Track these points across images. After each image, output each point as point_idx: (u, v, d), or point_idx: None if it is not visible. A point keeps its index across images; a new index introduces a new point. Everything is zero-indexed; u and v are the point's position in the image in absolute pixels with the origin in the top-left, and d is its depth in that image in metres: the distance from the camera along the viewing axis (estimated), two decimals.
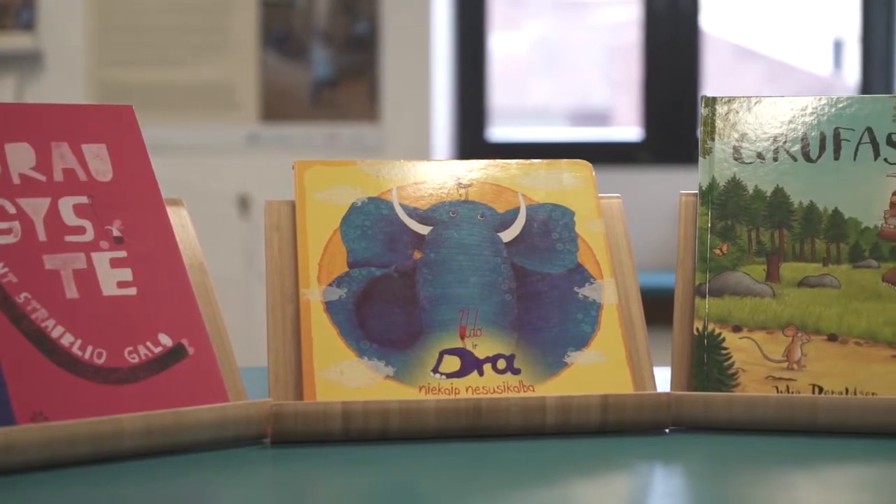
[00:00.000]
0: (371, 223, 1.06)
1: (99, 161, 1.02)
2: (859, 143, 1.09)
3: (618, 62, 3.91)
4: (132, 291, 0.98)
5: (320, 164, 1.08)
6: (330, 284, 1.03)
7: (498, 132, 3.69)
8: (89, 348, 0.95)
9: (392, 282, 1.04)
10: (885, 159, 1.09)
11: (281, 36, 3.42)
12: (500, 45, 3.79)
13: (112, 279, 0.98)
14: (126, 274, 0.99)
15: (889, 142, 1.09)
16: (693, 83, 3.57)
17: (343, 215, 1.06)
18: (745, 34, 3.96)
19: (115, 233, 1.00)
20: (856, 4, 3.59)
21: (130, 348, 0.96)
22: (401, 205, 1.07)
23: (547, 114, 4.00)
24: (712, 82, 3.70)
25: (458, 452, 0.95)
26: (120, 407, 0.93)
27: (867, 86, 3.56)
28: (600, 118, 4.03)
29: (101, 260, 0.98)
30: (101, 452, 0.90)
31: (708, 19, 3.65)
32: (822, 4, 3.80)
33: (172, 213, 1.04)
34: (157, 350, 0.97)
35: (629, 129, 3.69)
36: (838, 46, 3.82)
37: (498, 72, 3.74)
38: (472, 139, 3.64)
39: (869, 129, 1.10)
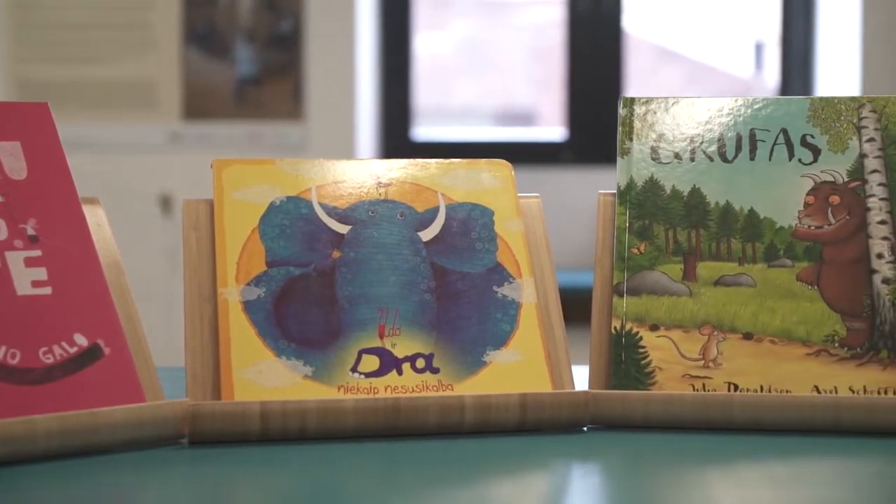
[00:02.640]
0: (290, 222, 1.05)
1: (13, 159, 1.01)
2: (774, 144, 1.11)
3: (542, 62, 3.93)
4: (47, 291, 0.97)
5: (239, 163, 1.08)
6: (248, 284, 1.02)
7: (423, 132, 3.69)
8: (3, 348, 0.93)
9: (311, 281, 1.03)
10: (800, 160, 1.10)
11: (204, 33, 3.40)
12: (425, 44, 3.79)
13: (26, 278, 0.97)
14: (41, 273, 0.98)
15: (803, 142, 1.11)
16: (616, 84, 3.59)
17: (261, 214, 1.05)
18: (667, 36, 3.99)
19: (30, 231, 0.99)
20: (776, 7, 3.63)
21: (45, 348, 0.95)
22: (320, 204, 1.07)
23: (471, 114, 4.01)
24: (635, 83, 3.73)
25: (376, 452, 0.95)
26: (34, 408, 0.92)
27: (786, 87, 3.60)
28: (524, 118, 4.04)
29: (15, 259, 0.97)
30: (15, 454, 0.89)
31: (631, 21, 3.68)
32: (743, 7, 3.85)
33: (89, 211, 1.03)
34: (73, 350, 0.96)
35: (553, 130, 3.71)
36: (759, 49, 3.86)
37: (423, 71, 3.74)
38: (396, 139, 3.64)
39: (784, 130, 1.11)
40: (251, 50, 3.40)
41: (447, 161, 1.11)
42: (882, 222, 1.08)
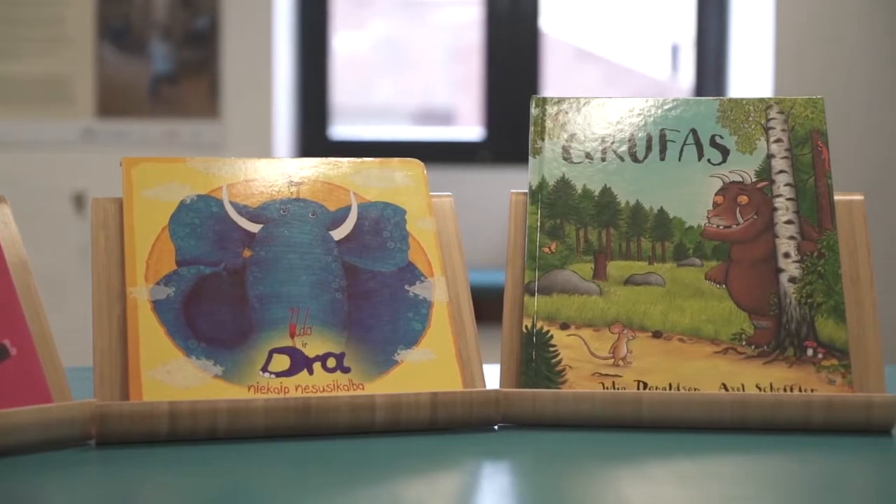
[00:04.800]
0: (200, 221, 1.04)
1: None
2: (684, 144, 1.12)
3: (460, 62, 3.94)
4: None
5: (149, 161, 1.07)
6: (157, 283, 1.02)
7: (341, 131, 3.68)
8: None
9: (221, 280, 1.03)
10: (709, 160, 1.12)
11: (118, 29, 3.36)
12: (344, 43, 3.78)
13: None
14: None
15: (713, 143, 1.12)
16: (533, 84, 3.61)
17: (172, 213, 1.04)
18: (585, 37, 4.02)
19: None
20: (691, 10, 3.67)
21: None
22: (231, 202, 1.06)
23: (390, 113, 4.00)
24: (552, 83, 3.75)
25: (287, 451, 0.94)
26: None
27: (701, 89, 3.64)
28: (443, 118, 4.05)
29: None
30: None
31: (548, 21, 3.69)
32: (659, 9, 3.88)
33: None
34: None
35: (471, 129, 3.72)
36: (675, 50, 3.89)
37: (341, 70, 3.73)
38: (314, 137, 3.63)
39: (693, 131, 1.12)
40: (167, 47, 3.37)
41: (360, 160, 1.11)
42: (789, 222, 1.09)
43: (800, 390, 1.04)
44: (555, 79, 3.80)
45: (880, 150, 3.32)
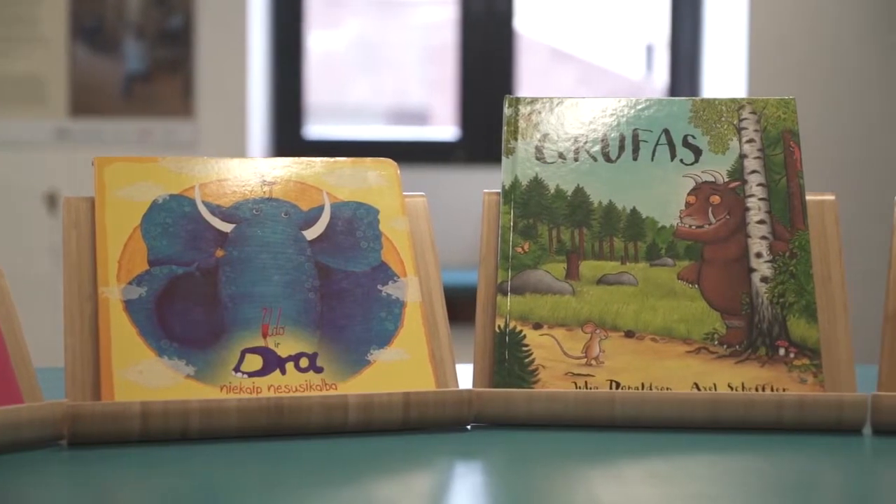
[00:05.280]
0: (172, 220, 1.04)
1: None
2: (657, 144, 1.12)
3: (435, 62, 3.94)
4: None
5: (121, 161, 1.06)
6: (129, 283, 1.01)
7: (315, 130, 3.68)
8: None
9: (194, 280, 1.02)
10: (682, 160, 1.12)
11: (92, 28, 3.35)
12: (319, 42, 3.78)
13: None
14: None
15: (685, 143, 1.12)
16: (508, 84, 3.61)
17: (144, 213, 1.04)
18: (560, 37, 4.02)
19: None
20: (666, 11, 3.68)
21: None
22: (203, 202, 1.06)
23: (365, 112, 4.00)
24: (527, 83, 3.76)
25: (260, 452, 0.94)
26: None
27: (675, 89, 3.65)
28: (418, 117, 4.04)
29: None
30: None
31: (523, 21, 3.70)
32: (634, 10, 3.89)
33: None
34: None
35: (445, 129, 3.72)
36: (650, 51, 3.90)
37: (316, 69, 3.73)
38: (288, 137, 3.62)
39: (666, 131, 1.13)
40: (140, 46, 3.36)
41: (332, 160, 1.11)
42: (761, 222, 1.10)
43: (772, 389, 1.05)
44: (530, 79, 3.81)
45: (852, 150, 3.33)
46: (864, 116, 3.33)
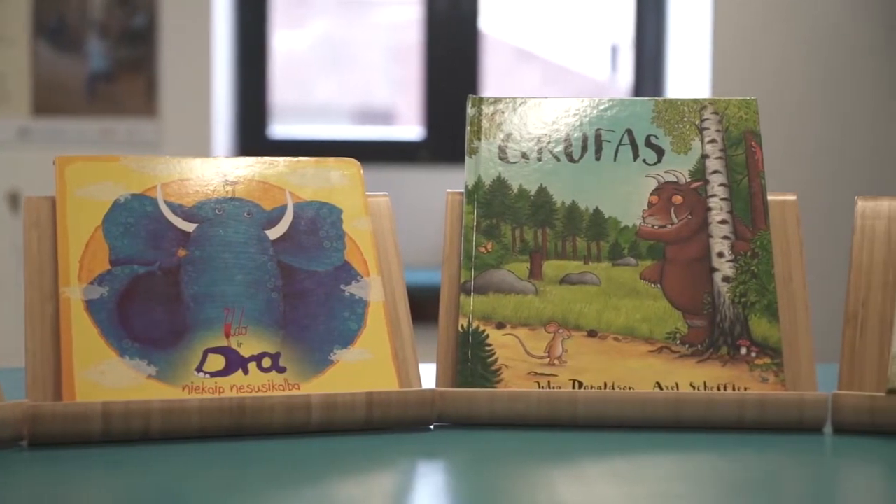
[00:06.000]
0: (134, 220, 1.04)
1: None
2: (619, 144, 1.13)
3: (400, 62, 3.93)
4: None
5: (82, 160, 1.06)
6: (91, 283, 1.01)
7: (280, 130, 3.67)
8: None
9: (156, 280, 1.02)
10: (644, 160, 1.12)
11: (54, 27, 3.33)
12: (283, 42, 3.77)
13: None
14: None
15: (648, 143, 1.13)
16: (473, 84, 3.61)
17: (105, 212, 1.04)
18: (525, 37, 4.03)
19: None
20: (630, 11, 3.69)
21: None
22: (165, 202, 1.05)
23: (330, 112, 3.99)
24: (492, 83, 3.76)
25: (222, 452, 0.94)
26: None
27: (639, 89, 3.67)
28: (383, 117, 4.04)
29: None
30: None
31: (488, 21, 3.70)
32: (599, 10, 3.90)
33: None
34: None
35: (410, 129, 3.72)
36: (614, 51, 3.91)
37: (280, 69, 3.72)
38: (253, 136, 3.61)
39: (629, 131, 1.13)
40: (104, 45, 3.34)
41: (295, 159, 1.10)
42: (723, 222, 1.10)
43: (733, 389, 1.05)
44: (495, 79, 3.81)
45: (814, 151, 3.35)
46: (825, 117, 3.36)
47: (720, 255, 1.09)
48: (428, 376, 1.07)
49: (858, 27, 3.34)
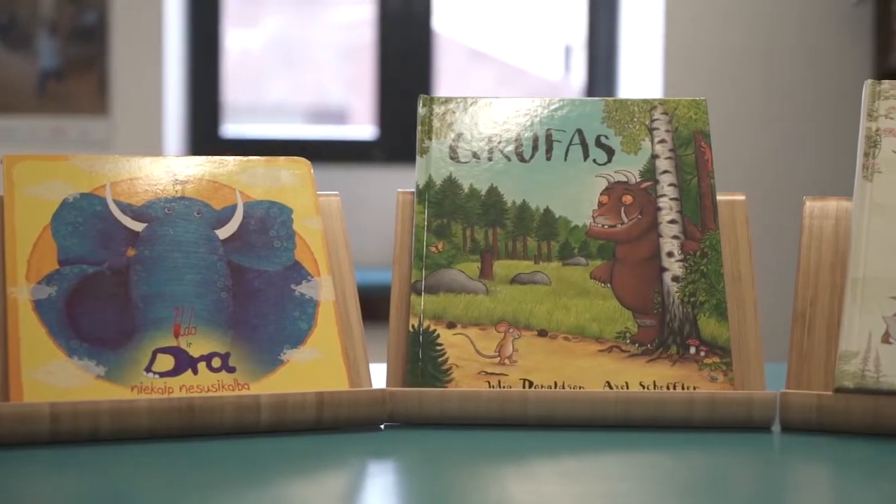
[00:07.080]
0: (83, 219, 1.03)
1: None
2: (570, 144, 1.13)
3: (353, 61, 3.93)
4: None
5: (31, 159, 1.05)
6: (39, 282, 1.00)
7: (233, 129, 3.66)
8: None
9: (105, 279, 1.01)
10: (594, 160, 1.13)
11: (4, 24, 3.30)
12: (236, 40, 3.76)
13: None
14: None
15: (598, 143, 1.13)
16: (426, 84, 3.62)
17: (54, 211, 1.03)
18: (478, 37, 4.03)
19: None
20: (583, 12, 3.70)
21: None
22: (115, 201, 1.05)
23: (283, 111, 3.98)
24: (445, 83, 3.76)
25: (171, 452, 0.93)
26: None
27: (592, 90, 3.68)
28: (336, 116, 4.04)
29: None
30: None
31: (442, 21, 3.70)
32: (552, 11, 3.91)
33: None
34: None
35: (364, 128, 3.72)
36: (568, 52, 3.93)
37: (233, 68, 3.70)
38: (205, 135, 3.60)
39: (579, 131, 1.14)
40: (54, 42, 3.32)
41: (245, 159, 1.10)
42: (672, 221, 1.11)
43: (683, 388, 1.06)
44: (448, 79, 3.82)
45: (762, 151, 3.38)
46: (774, 117, 3.38)
47: (670, 254, 1.10)
48: (378, 376, 1.07)
49: (808, 29, 3.37)
